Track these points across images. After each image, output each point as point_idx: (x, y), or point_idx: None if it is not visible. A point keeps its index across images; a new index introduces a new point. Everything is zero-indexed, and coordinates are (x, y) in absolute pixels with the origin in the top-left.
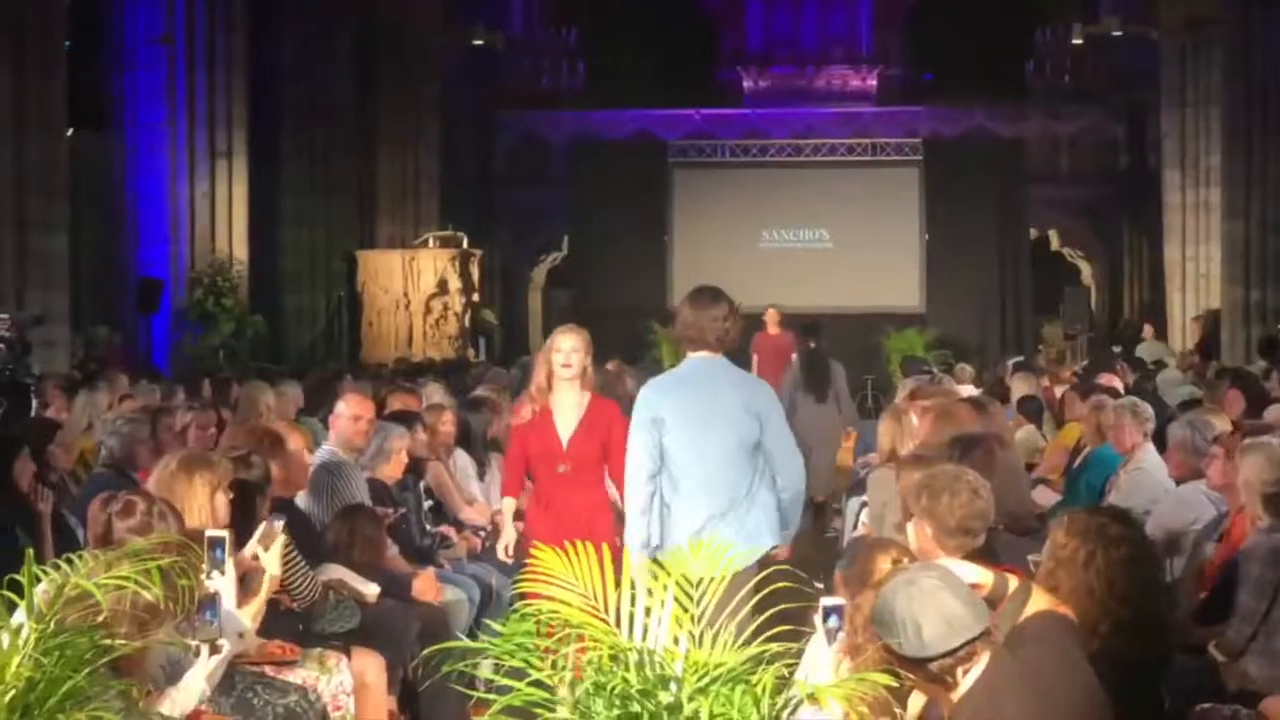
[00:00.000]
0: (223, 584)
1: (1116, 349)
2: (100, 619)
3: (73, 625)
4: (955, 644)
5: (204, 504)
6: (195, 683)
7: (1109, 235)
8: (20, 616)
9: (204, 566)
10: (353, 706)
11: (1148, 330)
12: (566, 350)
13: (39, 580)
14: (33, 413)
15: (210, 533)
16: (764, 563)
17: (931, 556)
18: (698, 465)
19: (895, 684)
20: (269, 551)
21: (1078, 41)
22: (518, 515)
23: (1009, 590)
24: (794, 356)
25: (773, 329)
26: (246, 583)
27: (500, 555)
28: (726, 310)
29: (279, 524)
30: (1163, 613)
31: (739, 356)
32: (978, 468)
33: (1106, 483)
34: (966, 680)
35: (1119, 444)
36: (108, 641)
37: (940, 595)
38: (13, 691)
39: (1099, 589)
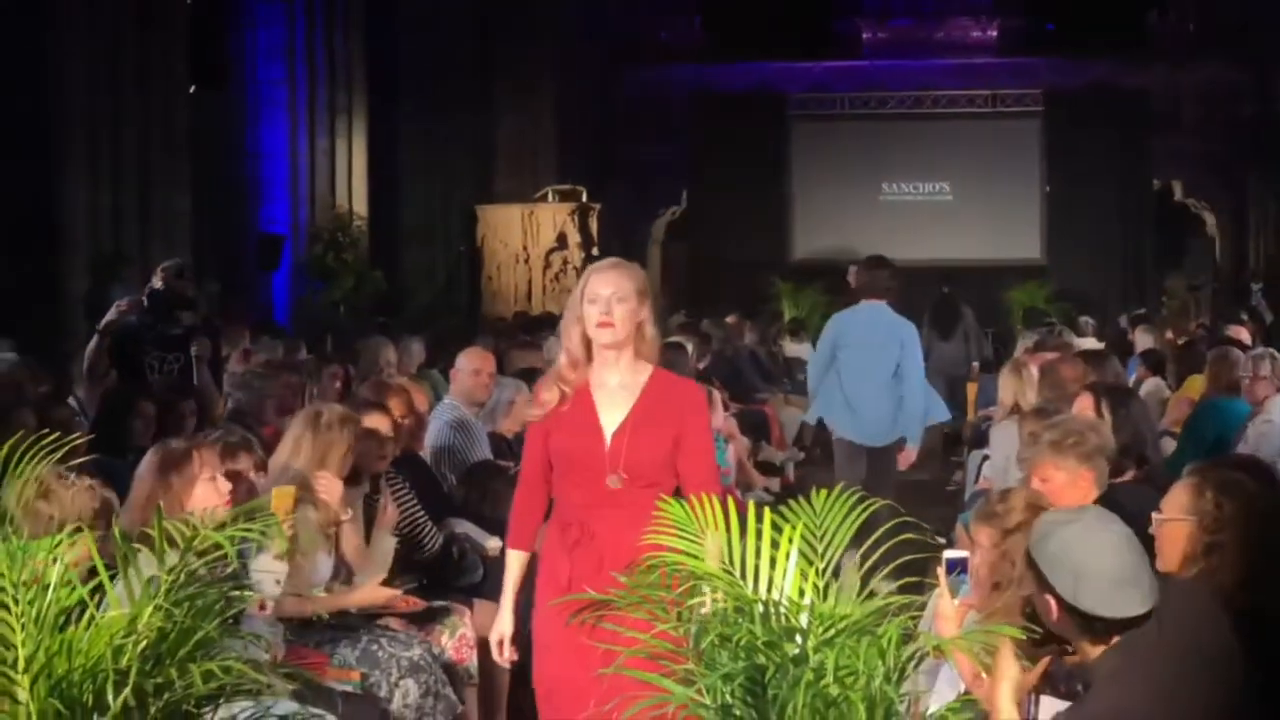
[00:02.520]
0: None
1: (1257, 286)
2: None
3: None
4: (1135, 613)
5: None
6: None
7: (1234, 186)
8: (151, 568)
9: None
10: (475, 659)
11: None
12: (606, 297)
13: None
14: (195, 367)
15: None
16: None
17: (1066, 504)
18: (863, 371)
19: (1022, 637)
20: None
21: None
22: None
23: None
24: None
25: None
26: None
27: (496, 657)
28: (889, 272)
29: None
30: None
31: None
32: (1125, 415)
33: (1233, 434)
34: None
35: (1250, 395)
36: (237, 593)
37: (1127, 557)
38: (145, 641)
39: (1260, 548)
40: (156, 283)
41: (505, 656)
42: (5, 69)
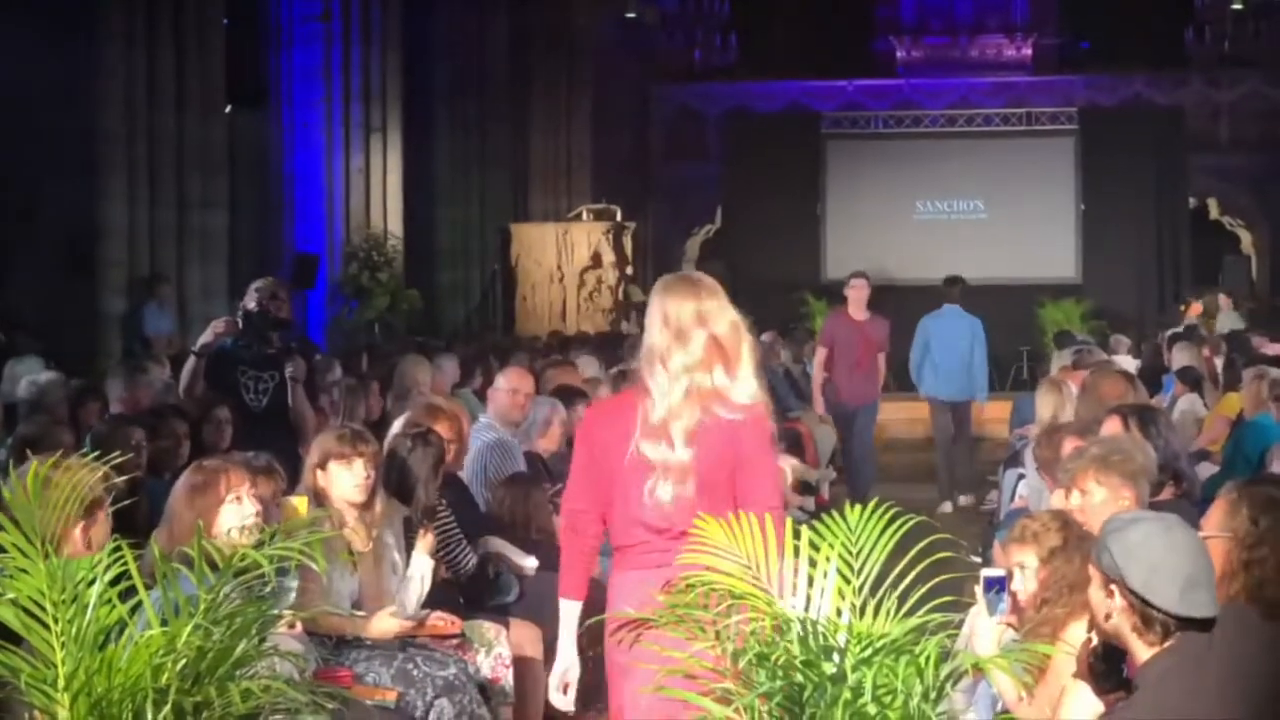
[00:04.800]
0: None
1: None
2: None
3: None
4: (1202, 615)
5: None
6: None
7: (1270, 203)
8: (190, 587)
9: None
10: (511, 678)
11: None
12: None
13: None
14: (289, 388)
15: None
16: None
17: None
18: (946, 357)
19: (1059, 653)
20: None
21: (1238, 6)
22: None
23: None
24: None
25: (856, 312)
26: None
27: (556, 698)
28: (961, 287)
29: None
30: None
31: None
32: (1157, 434)
33: (1267, 452)
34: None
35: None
36: (275, 612)
37: (1201, 561)
38: (184, 660)
39: None
40: (250, 303)
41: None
42: (44, 90)
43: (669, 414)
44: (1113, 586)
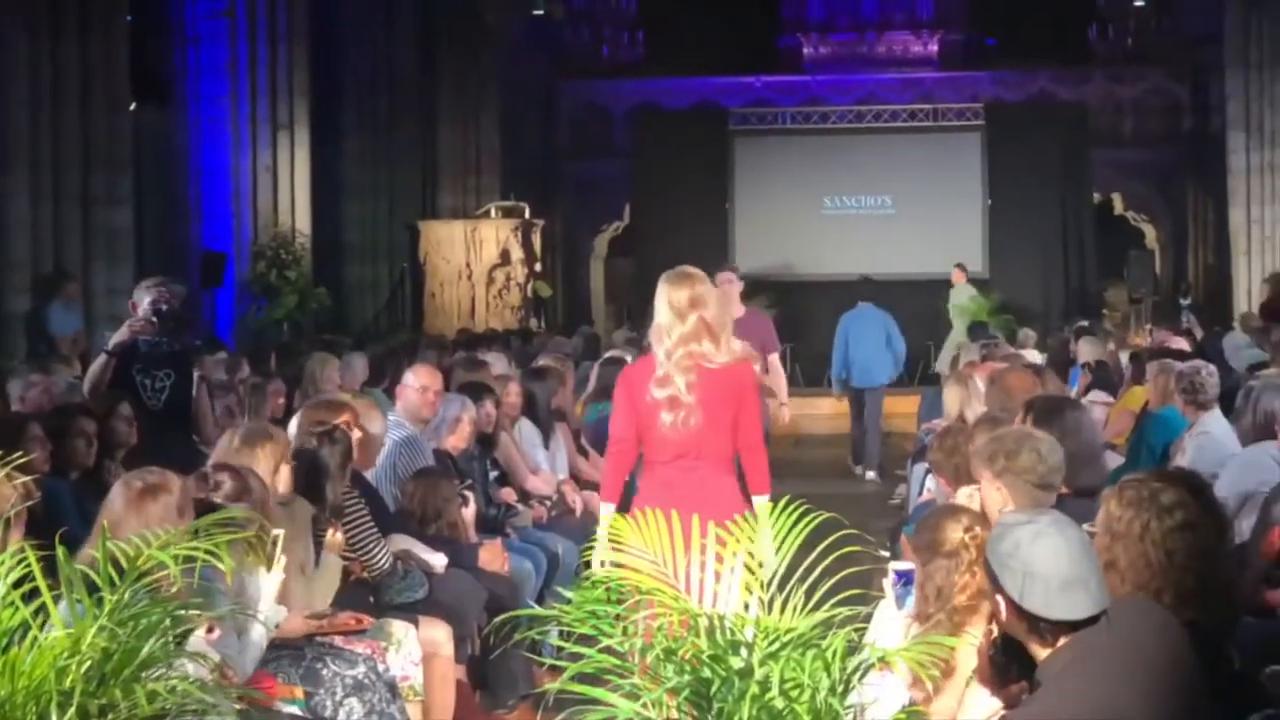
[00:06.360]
0: (271, 578)
1: (1186, 302)
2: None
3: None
4: (1078, 616)
5: (268, 475)
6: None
7: (1173, 198)
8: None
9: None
10: (420, 677)
11: None
12: None
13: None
14: (195, 386)
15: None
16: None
17: (992, 515)
18: (862, 347)
19: (963, 645)
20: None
21: (1140, 3)
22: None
23: None
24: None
25: (735, 308)
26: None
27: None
28: (874, 287)
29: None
30: (1226, 576)
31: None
32: (1059, 430)
33: (1169, 445)
34: (1061, 641)
35: (1186, 409)
36: (182, 613)
37: (1075, 561)
38: (89, 661)
39: (1157, 559)
40: (145, 302)
41: None
42: None
43: (670, 370)
44: (998, 597)
